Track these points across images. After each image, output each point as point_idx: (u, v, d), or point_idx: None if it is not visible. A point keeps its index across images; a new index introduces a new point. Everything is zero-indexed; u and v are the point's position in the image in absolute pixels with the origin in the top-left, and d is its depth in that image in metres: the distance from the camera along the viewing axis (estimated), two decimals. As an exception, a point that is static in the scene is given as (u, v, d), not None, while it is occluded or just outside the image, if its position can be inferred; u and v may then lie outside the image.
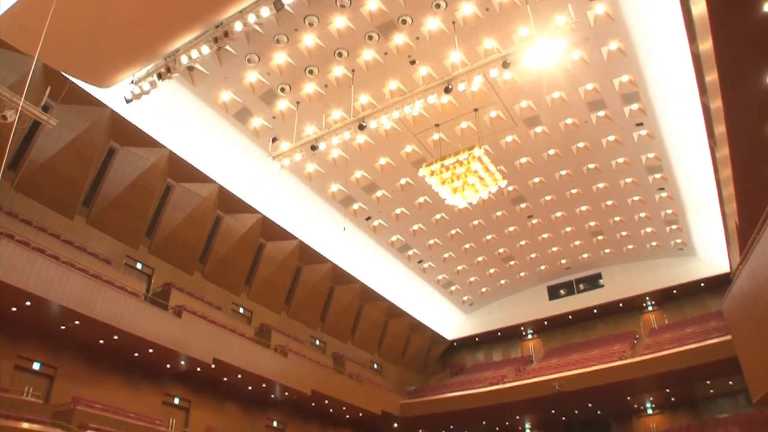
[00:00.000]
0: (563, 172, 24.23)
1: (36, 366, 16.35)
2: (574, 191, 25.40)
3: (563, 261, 31.43)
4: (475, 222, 27.38)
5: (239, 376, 21.20)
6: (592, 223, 27.78)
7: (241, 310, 25.03)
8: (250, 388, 22.46)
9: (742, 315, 14.56)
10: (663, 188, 24.53)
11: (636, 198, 25.48)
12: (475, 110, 20.65)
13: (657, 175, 23.76)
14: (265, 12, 14.75)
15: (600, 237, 29.00)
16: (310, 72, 18.90)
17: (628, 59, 18.43)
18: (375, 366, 32.52)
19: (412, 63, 18.71)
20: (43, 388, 16.41)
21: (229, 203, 22.63)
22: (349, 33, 17.62)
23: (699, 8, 11.81)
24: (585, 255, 30.78)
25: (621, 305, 31.66)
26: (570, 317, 32.92)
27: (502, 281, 33.03)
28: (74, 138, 17.92)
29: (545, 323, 33.86)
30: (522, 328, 34.70)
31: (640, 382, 23.71)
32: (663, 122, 20.81)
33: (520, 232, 28.45)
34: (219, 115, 20.03)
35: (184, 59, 15.92)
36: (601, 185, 24.83)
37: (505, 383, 27.53)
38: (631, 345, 28.61)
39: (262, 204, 23.40)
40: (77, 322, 16.01)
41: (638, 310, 32.08)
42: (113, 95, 17.43)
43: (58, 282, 15.10)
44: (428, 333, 34.65)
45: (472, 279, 32.38)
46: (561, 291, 33.18)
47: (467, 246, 29.18)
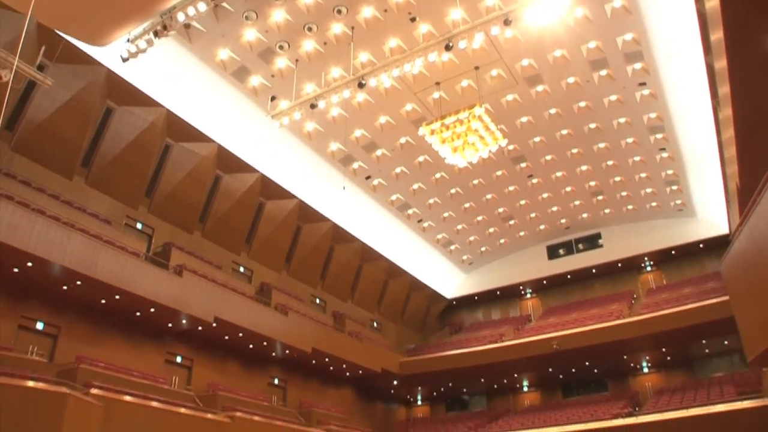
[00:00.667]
0: (564, 132, 24.09)
1: (39, 326, 16.50)
2: (575, 151, 25.29)
3: (563, 221, 31.48)
4: (475, 181, 27.34)
5: (240, 335, 21.42)
6: (592, 183, 27.73)
7: (242, 269, 25.15)
8: (251, 347, 22.71)
9: (741, 276, 14.63)
10: (664, 149, 24.41)
11: (637, 158, 25.39)
12: (476, 68, 20.42)
13: (658, 136, 23.62)
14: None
15: (600, 197, 28.99)
16: (309, 29, 18.61)
17: (633, 17, 18.12)
18: (375, 324, 32.84)
19: (413, 20, 18.40)
20: (47, 348, 16.59)
21: (229, 162, 22.54)
22: (349, -11, 17.33)
23: (706, -35, 11.58)
24: (585, 215, 30.81)
25: (620, 265, 31.83)
26: (569, 277, 33.13)
27: (502, 240, 33.14)
28: (71, 98, 17.73)
29: (544, 282, 34.10)
30: (521, 288, 34.95)
31: (637, 342, 24.01)
32: (666, 82, 20.59)
33: (520, 192, 28.44)
34: (217, 74, 19.80)
35: (181, 16, 15.65)
36: (602, 145, 24.71)
37: (504, 342, 27.84)
38: (629, 305, 28.86)
39: (262, 163, 23.32)
40: (79, 283, 16.10)
41: (637, 271, 32.27)
42: (109, 54, 17.21)
43: (59, 242, 15.13)
44: (428, 292, 34.93)
45: (472, 238, 32.47)
46: (560, 251, 33.34)
47: (467, 205, 29.20)
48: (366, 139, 23.73)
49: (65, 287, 16.38)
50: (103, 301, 17.48)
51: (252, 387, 23.11)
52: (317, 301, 29.14)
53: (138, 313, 18.57)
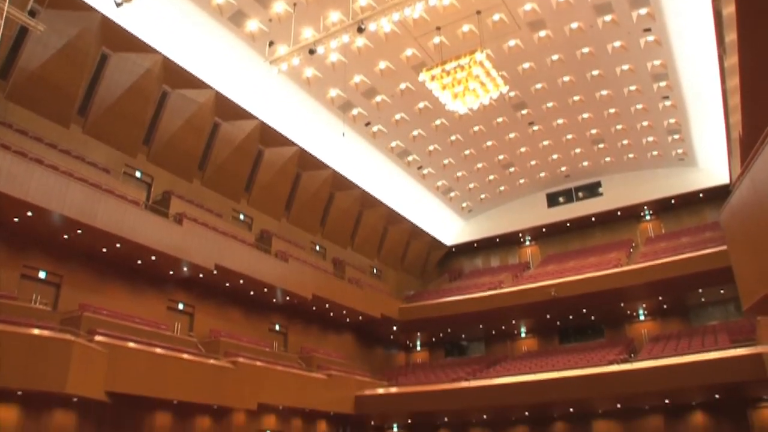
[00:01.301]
0: (566, 79, 23.78)
1: (42, 275, 16.61)
2: (577, 98, 25.02)
3: (563, 168, 31.39)
4: (476, 128, 27.14)
5: (241, 282, 21.59)
6: (594, 131, 27.53)
7: (242, 217, 25.18)
8: (252, 293, 22.94)
9: (740, 225, 14.61)
10: (667, 97, 24.13)
11: (639, 106, 25.12)
12: (478, 13, 20.00)
13: (662, 83, 23.31)
14: None
15: (601, 145, 28.82)
16: (307, -28, 18.15)
17: (639, -40, 17.68)
18: (374, 271, 33.09)
19: (414, -37, 17.90)
20: (50, 296, 16.76)
21: (227, 109, 22.28)
22: (348, -70, 16.81)
23: None
24: (585, 163, 30.69)
25: (619, 214, 31.94)
26: (568, 225, 33.27)
27: (502, 188, 33.12)
28: (64, 44, 17.35)
29: (543, 230, 34.24)
30: (520, 235, 35.13)
31: (634, 290, 24.27)
32: (672, 28, 20.19)
33: (521, 139, 28.26)
34: (213, 19, 19.39)
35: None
36: (605, 92, 24.43)
37: (502, 288, 28.09)
38: (627, 253, 29.04)
39: (261, 110, 23.06)
40: (79, 232, 16.14)
41: (636, 219, 32.37)
42: (103, -1, 16.81)
43: (58, 192, 15.08)
44: (427, 239, 35.09)
45: (472, 185, 32.44)
46: (560, 198, 33.36)
47: (467, 152, 29.07)
48: (365, 85, 23.43)
49: (66, 236, 16.43)
50: (104, 250, 17.56)
51: (253, 333, 23.44)
52: (317, 248, 29.29)
53: (139, 261, 18.68)
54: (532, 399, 21.55)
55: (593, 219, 32.57)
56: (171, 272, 19.84)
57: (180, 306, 20.97)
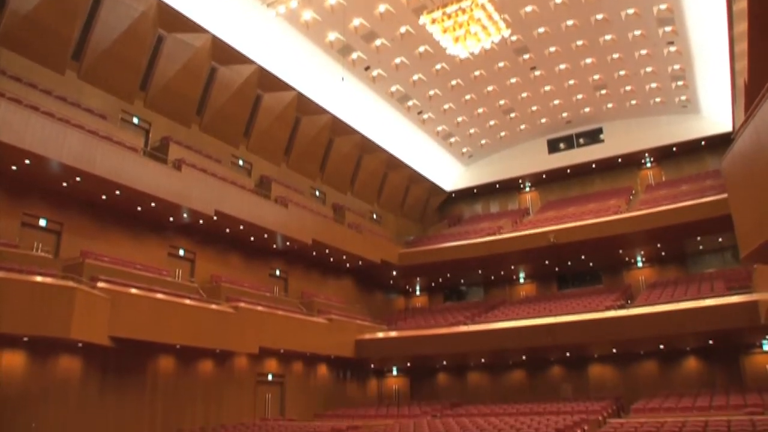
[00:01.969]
0: (570, 23, 23.30)
1: (42, 222, 16.61)
2: (580, 43, 24.58)
3: (564, 114, 31.10)
4: (477, 73, 26.75)
5: (241, 227, 21.66)
6: (597, 77, 27.16)
7: (241, 163, 25.07)
8: (252, 239, 23.04)
9: (741, 172, 14.57)
10: (672, 42, 23.68)
11: (644, 52, 24.70)
12: (481, -46, 19.42)
13: (667, 28, 22.84)
14: None
15: (603, 91, 28.48)
16: None
17: None
18: (374, 216, 33.18)
19: None
20: (52, 244, 16.80)
21: (224, 54, 21.87)
22: None
23: None
24: (587, 109, 30.40)
25: (620, 161, 31.83)
26: (568, 171, 33.19)
27: (502, 133, 32.89)
28: (55, -14, 16.93)
29: (543, 176, 34.20)
30: (520, 181, 35.08)
31: (633, 237, 24.36)
32: (679, -30, 19.70)
33: (522, 84, 27.91)
34: (208, -41, 18.88)
35: None
36: (609, 37, 23.98)
37: (502, 234, 28.21)
38: (627, 200, 29.07)
39: (258, 54, 22.66)
40: (78, 179, 16.07)
41: (636, 167, 32.29)
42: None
43: (55, 139, 14.94)
44: (427, 184, 35.06)
45: (472, 131, 32.21)
46: (561, 145, 33.17)
47: (468, 97, 28.74)
48: (365, 29, 22.96)
49: (65, 184, 16.37)
50: (104, 197, 17.52)
51: (254, 278, 23.65)
52: (317, 194, 29.28)
53: (139, 208, 18.68)
54: (530, 343, 21.93)
55: (593, 166, 32.49)
56: (171, 219, 19.87)
57: (181, 252, 21.08)
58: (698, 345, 22.02)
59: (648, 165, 32.00)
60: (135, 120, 20.82)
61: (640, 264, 27.90)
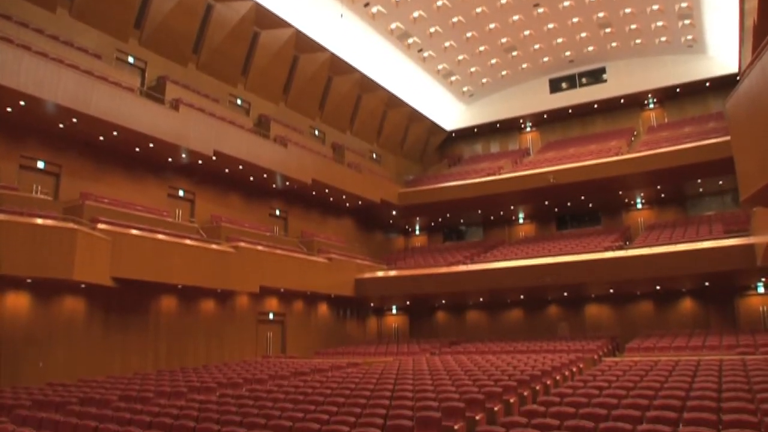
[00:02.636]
0: (576, -42, 22.66)
1: (40, 165, 16.53)
2: (586, -22, 23.96)
3: (567, 53, 30.57)
4: (479, 9, 26.16)
5: (240, 167, 21.59)
6: (601, 15, 26.55)
7: (239, 102, 24.79)
8: (252, 179, 23.00)
9: (745, 114, 14.44)
10: (681, -22, 23.10)
11: (651, -12, 24.12)
12: None
13: (676, -37, 22.25)
14: None
15: (608, 29, 27.89)
16: None
17: None
18: (374, 156, 33.03)
19: None
20: (51, 186, 16.78)
21: (220, -11, 21.36)
22: None
23: None
24: (590, 48, 29.85)
25: (622, 101, 31.49)
26: (570, 111, 32.89)
27: (504, 72, 32.40)
28: None
29: (545, 116, 33.90)
30: (521, 121, 34.78)
31: (633, 178, 24.30)
32: None
33: (525, 22, 27.31)
34: None
35: None
36: (615, -27, 23.36)
37: (502, 174, 28.12)
38: (628, 141, 28.88)
39: (255, -10, 22.13)
40: (75, 120, 15.89)
41: (639, 107, 31.96)
42: None
43: (50, 79, 14.68)
44: (427, 123, 34.75)
45: (473, 69, 31.72)
46: (563, 84, 32.73)
47: (469, 35, 28.17)
48: (365, -36, 22.35)
49: (61, 125, 16.19)
50: (102, 138, 17.38)
51: (254, 218, 23.73)
52: (316, 133, 29.07)
53: (137, 149, 18.56)
54: (528, 283, 22.15)
55: (595, 106, 32.14)
56: (170, 159, 19.78)
57: (180, 193, 21.07)
58: (694, 287, 22.28)
59: (651, 106, 31.65)
60: (130, 59, 20.44)
61: (640, 205, 27.94)
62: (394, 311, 29.19)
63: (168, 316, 18.30)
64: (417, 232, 34.25)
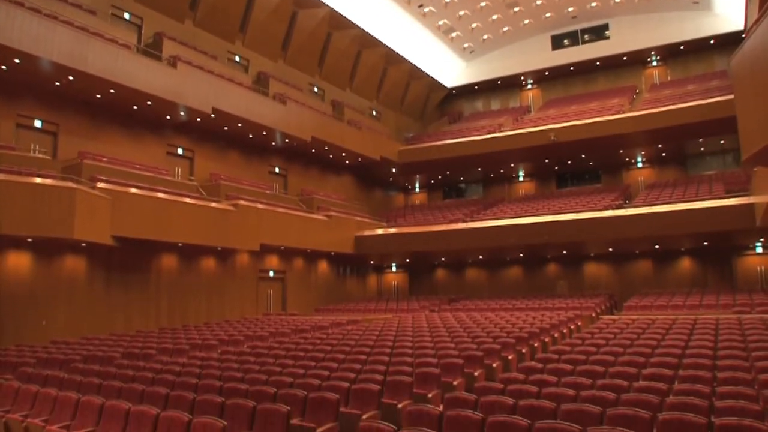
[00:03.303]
0: None
1: (37, 123, 16.42)
2: (591, -69, 23.43)
3: (570, 9, 30.09)
4: (481, -36, 25.68)
5: (239, 125, 21.45)
6: (606, -32, 26.09)
7: (237, 59, 24.49)
8: (251, 136, 22.87)
9: (750, 72, 14.28)
10: (688, -70, 22.57)
11: (657, -60, 23.60)
12: None
13: None
14: None
15: (612, -17, 27.44)
16: None
17: None
18: (374, 113, 32.79)
19: None
20: (49, 145, 16.70)
21: (216, -57, 20.89)
22: None
23: None
24: (593, 4, 29.38)
25: (625, 59, 31.13)
26: (572, 69, 32.53)
27: (505, 29, 31.94)
28: None
29: (546, 74, 33.52)
30: (522, 78, 34.43)
31: (634, 137, 24.12)
32: None
33: (528, -24, 26.84)
34: None
35: None
36: (621, -75, 22.83)
37: (502, 132, 27.92)
38: (630, 99, 28.62)
39: (252, -57, 21.66)
40: (71, 78, 15.72)
41: (642, 65, 31.61)
42: None
43: (44, 36, 14.46)
44: (427, 80, 34.40)
45: (474, 25, 31.27)
46: (565, 41, 32.31)
47: (471, -10, 27.72)
48: None
49: (58, 83, 16.04)
50: (99, 96, 17.21)
51: (253, 176, 23.69)
52: (315, 90, 28.80)
53: (135, 107, 18.40)
54: (527, 241, 22.17)
55: (598, 63, 31.77)
56: (168, 117, 19.64)
57: (179, 151, 20.98)
58: (693, 246, 22.35)
59: (654, 63, 31.29)
60: (126, 15, 20.10)
61: (640, 164, 27.86)
62: (394, 269, 29.36)
63: (169, 275, 18.41)
64: (417, 190, 34.24)
